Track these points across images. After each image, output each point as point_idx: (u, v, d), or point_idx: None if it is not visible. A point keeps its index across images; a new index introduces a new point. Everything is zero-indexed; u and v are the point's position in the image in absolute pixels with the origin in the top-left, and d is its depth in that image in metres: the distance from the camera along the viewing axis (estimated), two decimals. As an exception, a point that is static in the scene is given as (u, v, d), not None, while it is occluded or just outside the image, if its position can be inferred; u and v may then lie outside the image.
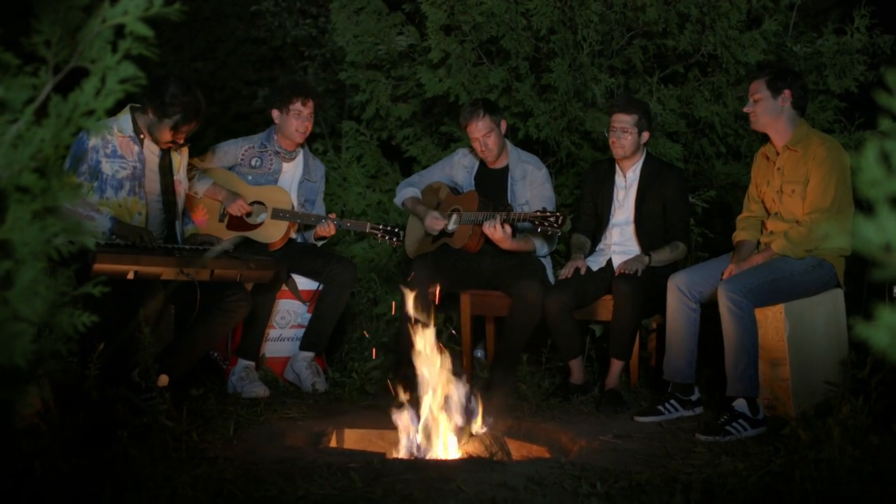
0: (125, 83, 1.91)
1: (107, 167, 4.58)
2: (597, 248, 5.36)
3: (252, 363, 5.13)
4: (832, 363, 4.42)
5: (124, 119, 4.67)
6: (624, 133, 5.14)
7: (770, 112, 4.56)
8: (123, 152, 4.63)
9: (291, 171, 5.57)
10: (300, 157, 5.61)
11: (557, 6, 5.87)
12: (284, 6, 8.20)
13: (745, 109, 4.65)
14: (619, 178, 5.32)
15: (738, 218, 4.91)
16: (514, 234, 5.23)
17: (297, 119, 5.38)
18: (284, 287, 5.36)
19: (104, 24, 1.90)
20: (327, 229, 5.39)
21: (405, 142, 6.91)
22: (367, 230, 5.47)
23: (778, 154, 4.64)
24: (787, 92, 4.54)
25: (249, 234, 5.30)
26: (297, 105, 5.36)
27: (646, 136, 5.21)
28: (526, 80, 6.08)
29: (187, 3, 1.96)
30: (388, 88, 6.83)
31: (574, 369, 5.16)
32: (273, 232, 5.34)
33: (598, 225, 5.40)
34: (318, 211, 5.62)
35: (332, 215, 5.43)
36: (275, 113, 5.46)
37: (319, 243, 5.60)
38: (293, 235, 5.54)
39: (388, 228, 5.46)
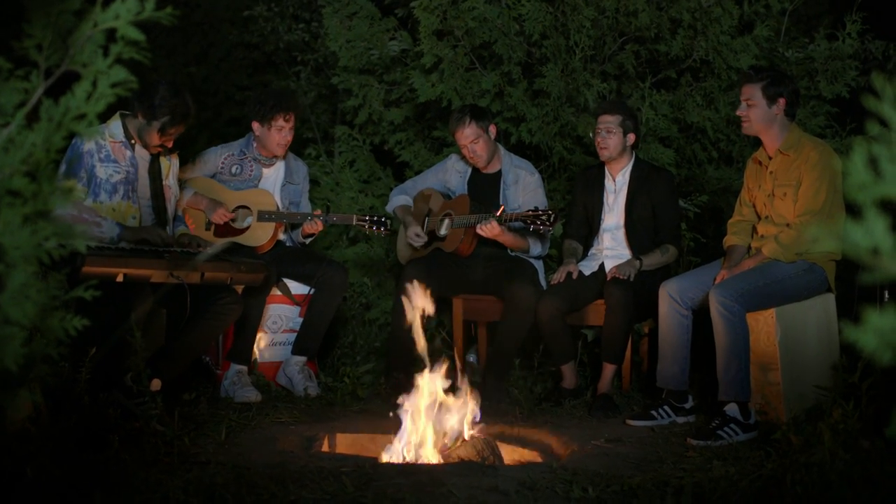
0: (116, 87, 1.92)
1: (101, 171, 4.59)
2: (589, 253, 5.36)
3: (244, 367, 5.12)
4: (823, 368, 4.43)
5: (115, 125, 4.68)
6: (609, 133, 5.14)
7: (763, 119, 4.56)
8: (116, 157, 4.64)
9: (273, 176, 5.55)
10: (280, 161, 5.58)
11: (550, 11, 5.88)
12: (277, 11, 8.18)
13: (738, 112, 4.63)
14: (608, 183, 5.32)
15: (729, 222, 4.92)
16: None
17: (278, 133, 5.35)
18: (276, 291, 5.35)
19: (95, 28, 1.90)
20: (314, 226, 5.39)
21: (398, 147, 6.91)
22: (354, 223, 5.47)
23: (770, 158, 4.64)
24: (781, 100, 4.53)
25: (237, 238, 5.29)
26: (280, 121, 5.33)
27: (631, 138, 5.20)
28: (518, 85, 6.09)
29: (179, 8, 1.96)
30: (380, 93, 6.83)
31: (566, 374, 5.16)
32: (260, 235, 5.34)
33: (589, 230, 5.41)
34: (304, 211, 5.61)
35: (318, 212, 5.43)
36: (255, 125, 5.40)
37: (307, 241, 5.59)
38: (281, 237, 5.53)
39: (375, 219, 5.45)
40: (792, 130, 4.58)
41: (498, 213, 5.07)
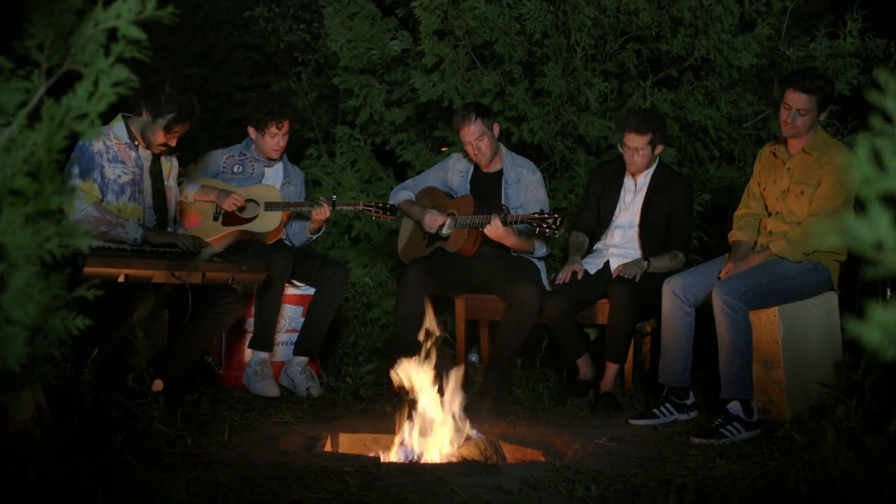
0: (118, 86, 1.91)
1: (109, 172, 4.59)
2: (594, 248, 5.36)
3: (267, 355, 5.17)
4: (826, 365, 4.43)
5: (118, 126, 4.68)
6: (636, 152, 5.12)
7: (812, 127, 4.52)
8: (123, 158, 4.64)
9: (273, 175, 5.62)
10: (280, 164, 5.66)
11: (551, 10, 5.88)
12: (278, 12, 8.18)
13: (786, 119, 4.51)
14: (627, 181, 5.30)
15: (735, 214, 4.90)
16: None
17: (272, 139, 5.43)
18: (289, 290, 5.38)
19: (97, 28, 1.90)
20: (323, 212, 5.40)
21: (399, 147, 6.91)
22: (361, 208, 5.51)
23: (791, 155, 4.63)
24: (828, 108, 4.53)
25: (246, 227, 5.33)
26: (273, 129, 5.40)
27: (660, 148, 5.17)
28: (519, 84, 6.09)
29: (180, 8, 1.96)
30: (381, 93, 6.83)
31: (581, 367, 5.18)
32: (269, 222, 5.38)
33: (598, 224, 5.39)
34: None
35: (323, 199, 5.45)
36: (251, 129, 5.50)
37: (315, 237, 5.60)
38: (282, 237, 5.55)
39: (382, 205, 5.48)
40: (818, 130, 4.57)
41: (503, 217, 5.07)
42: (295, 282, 5.44)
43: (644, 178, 5.26)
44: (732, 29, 5.80)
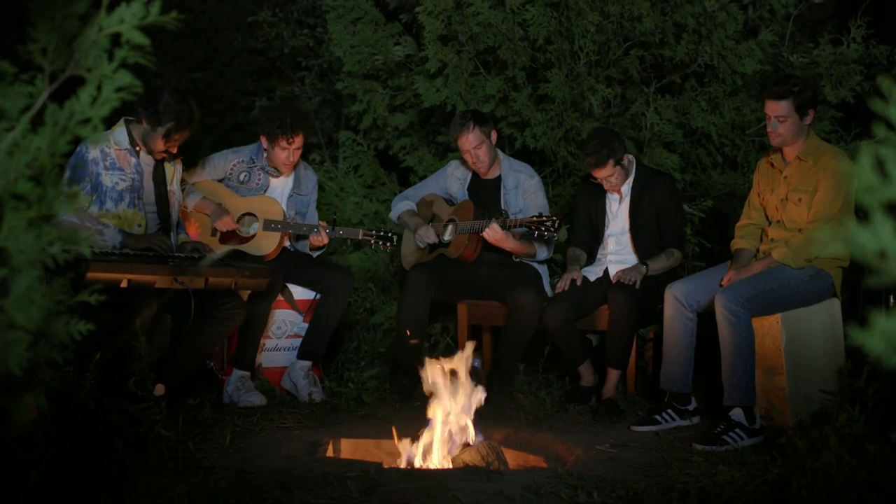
0: (121, 91, 1.91)
1: (107, 179, 4.59)
2: (595, 258, 5.36)
3: (247, 373, 5.11)
4: (829, 372, 4.42)
5: (119, 132, 4.68)
6: (610, 179, 5.12)
7: (797, 133, 4.50)
8: (121, 164, 4.64)
9: (280, 186, 5.55)
10: (290, 175, 5.60)
11: (554, 16, 5.88)
12: (282, 17, 8.20)
13: (769, 130, 4.54)
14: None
15: (736, 225, 4.90)
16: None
17: (283, 153, 5.34)
18: (281, 297, 5.35)
19: (100, 33, 1.90)
20: (320, 239, 5.38)
21: (402, 152, 6.91)
22: (360, 237, 5.47)
23: (787, 163, 4.62)
24: (812, 111, 4.51)
25: (242, 247, 5.28)
26: (283, 143, 5.31)
27: (627, 159, 5.16)
28: (523, 89, 6.09)
29: (184, 13, 1.96)
30: (385, 98, 6.84)
31: (584, 373, 5.17)
32: (265, 244, 5.33)
33: (593, 237, 5.39)
34: (311, 222, 5.58)
35: (324, 224, 5.42)
36: (263, 139, 5.41)
37: (315, 254, 5.58)
38: (286, 245, 5.52)
39: (382, 234, 5.45)
40: (811, 137, 4.56)
41: (501, 221, 5.07)
42: (292, 287, 5.43)
43: (626, 185, 5.24)
44: (736, 35, 5.80)
